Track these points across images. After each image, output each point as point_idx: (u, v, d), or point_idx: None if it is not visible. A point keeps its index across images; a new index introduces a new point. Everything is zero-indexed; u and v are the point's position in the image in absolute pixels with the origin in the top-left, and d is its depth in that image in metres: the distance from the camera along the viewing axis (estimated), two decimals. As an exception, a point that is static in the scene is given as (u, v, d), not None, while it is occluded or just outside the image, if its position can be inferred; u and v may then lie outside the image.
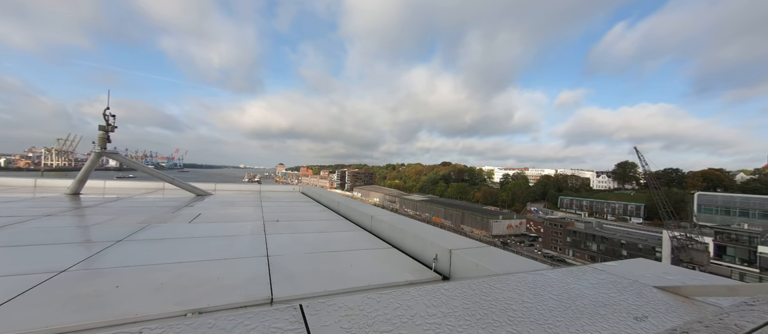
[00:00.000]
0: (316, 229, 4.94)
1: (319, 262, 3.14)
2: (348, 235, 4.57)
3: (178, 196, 9.04)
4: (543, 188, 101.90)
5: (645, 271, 1.96)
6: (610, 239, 49.93)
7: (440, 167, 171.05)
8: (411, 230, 3.88)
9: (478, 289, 1.49)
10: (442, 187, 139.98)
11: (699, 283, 1.65)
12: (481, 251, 2.93)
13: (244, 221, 5.26)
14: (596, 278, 1.72)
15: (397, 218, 4.78)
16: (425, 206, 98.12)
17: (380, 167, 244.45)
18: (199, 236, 4.09)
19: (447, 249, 2.99)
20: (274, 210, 6.76)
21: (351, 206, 6.33)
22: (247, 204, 7.69)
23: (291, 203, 8.43)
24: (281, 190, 12.36)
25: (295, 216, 6.11)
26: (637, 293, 1.54)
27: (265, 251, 3.41)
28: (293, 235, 4.36)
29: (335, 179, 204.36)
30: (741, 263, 36.27)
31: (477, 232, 73.50)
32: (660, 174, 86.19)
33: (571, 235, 55.16)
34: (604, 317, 1.30)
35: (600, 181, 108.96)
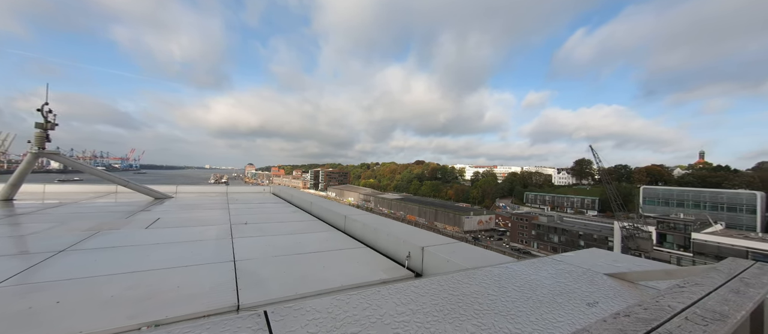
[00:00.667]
0: (288, 231, 4.80)
1: (290, 265, 3.05)
2: (321, 236, 4.49)
3: (133, 200, 8.33)
4: (510, 185, 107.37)
5: (597, 260, 2.13)
6: (570, 231, 53.83)
7: (414, 165, 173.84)
8: (385, 228, 3.89)
9: (447, 284, 1.53)
10: (416, 185, 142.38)
11: (642, 269, 1.82)
12: (452, 247, 3.02)
13: (209, 225, 4.97)
14: (555, 269, 1.84)
15: (371, 218, 4.77)
16: (400, 204, 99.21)
17: (355, 166, 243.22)
18: (157, 242, 3.79)
19: (419, 246, 3.03)
20: (242, 212, 6.46)
21: (324, 206, 6.22)
22: (212, 207, 7.28)
23: (261, 204, 8.11)
24: (251, 191, 11.85)
25: (265, 218, 5.89)
26: (589, 280, 1.67)
27: (231, 256, 3.25)
28: (263, 238, 4.20)
29: (309, 178, 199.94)
30: (678, 248, 40.83)
31: (450, 228, 75.71)
32: (611, 170, 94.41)
33: (535, 228, 58.66)
34: (561, 304, 1.41)
35: (560, 177, 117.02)
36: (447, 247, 3.02)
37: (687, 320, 0.93)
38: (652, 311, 0.98)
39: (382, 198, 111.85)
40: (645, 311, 0.98)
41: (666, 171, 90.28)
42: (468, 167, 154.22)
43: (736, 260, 1.63)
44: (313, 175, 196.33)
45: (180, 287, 2.36)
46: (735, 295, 1.18)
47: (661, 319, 0.91)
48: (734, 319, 0.95)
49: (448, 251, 2.88)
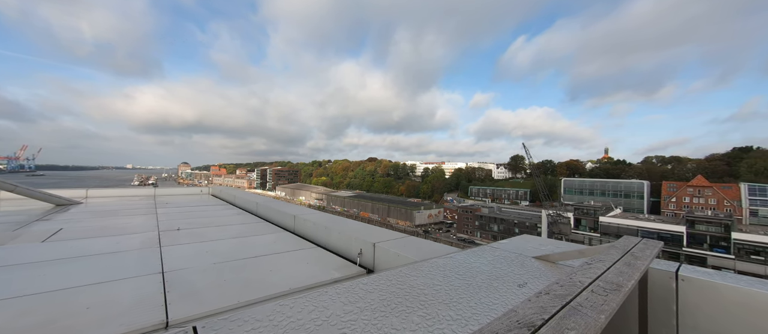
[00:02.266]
0: (231, 235, 4.42)
1: (231, 271, 2.82)
2: (269, 238, 4.24)
3: (23, 208, 6.82)
4: (457, 180, 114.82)
5: (527, 244, 2.40)
6: (507, 220, 59.78)
7: (367, 162, 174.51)
8: (336, 227, 3.84)
9: (395, 278, 1.56)
10: (369, 182, 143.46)
11: (561, 250, 2.11)
12: (403, 242, 3.10)
13: (131, 234, 4.31)
14: (492, 255, 2.02)
15: (322, 216, 4.66)
16: (353, 201, 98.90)
17: (306, 164, 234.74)
18: (58, 257, 3.16)
19: (371, 243, 3.06)
20: (174, 217, 5.74)
21: (272, 206, 5.87)
22: (135, 212, 6.33)
23: (198, 207, 7.31)
24: (185, 193, 10.59)
25: (202, 222, 5.32)
26: (520, 263, 1.88)
27: (159, 267, 2.88)
28: (199, 244, 3.80)
29: (255, 178, 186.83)
30: (590, 230, 48.33)
31: (402, 223, 78.06)
32: (540, 165, 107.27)
33: (478, 219, 63.80)
34: (496, 288, 1.54)
35: (499, 172, 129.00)
36: (398, 242, 3.09)
37: (592, 292, 1.09)
38: (567, 287, 1.13)
39: (335, 196, 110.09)
40: (561, 288, 1.12)
41: (581, 165, 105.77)
42: (419, 164, 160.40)
43: (629, 238, 2.01)
44: (259, 174, 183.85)
45: (90, 308, 2.00)
46: (627, 267, 1.44)
47: (573, 293, 1.06)
48: (627, 287, 1.16)
49: (399, 245, 2.96)
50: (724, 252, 37.52)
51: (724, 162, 72.43)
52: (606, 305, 0.96)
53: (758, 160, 64.87)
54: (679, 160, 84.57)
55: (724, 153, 77.29)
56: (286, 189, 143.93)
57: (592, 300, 1.01)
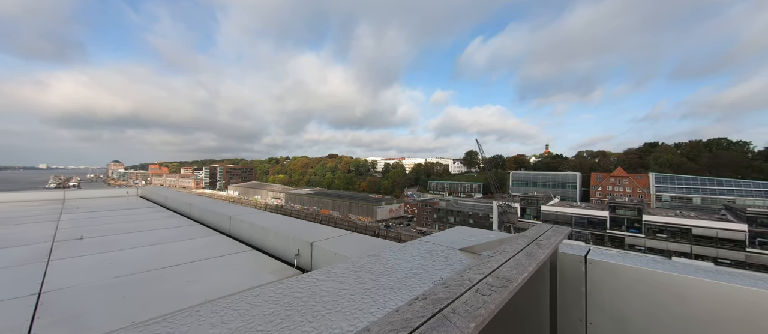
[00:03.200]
0: (152, 241, 3.89)
1: (136, 285, 2.46)
2: (199, 243, 3.82)
3: None
4: (416, 175, 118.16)
5: (457, 236, 2.44)
6: (462, 212, 63.21)
7: (327, 159, 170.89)
8: (274, 227, 3.61)
9: (326, 277, 1.46)
10: (330, 179, 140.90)
11: (487, 240, 2.17)
12: (343, 240, 3.02)
13: (11, 247, 3.56)
14: (419, 250, 2.00)
15: (260, 216, 4.36)
16: (313, 199, 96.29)
17: (261, 161, 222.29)
18: None
19: (308, 242, 2.94)
20: (81, 224, 4.91)
21: (206, 207, 5.34)
22: (29, 220, 5.29)
23: (118, 211, 6.38)
24: (107, 195, 9.20)
25: (118, 229, 4.63)
26: (444, 257, 1.88)
27: (36, 287, 2.39)
28: (104, 255, 3.26)
29: (203, 177, 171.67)
30: (533, 218, 53.28)
31: (363, 219, 78.15)
32: (491, 160, 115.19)
33: (436, 212, 66.48)
34: (410, 286, 1.47)
35: (455, 166, 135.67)
36: (337, 240, 3.00)
37: (477, 291, 1.05)
38: (452, 287, 1.08)
39: (294, 194, 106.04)
40: (445, 289, 1.06)
41: (526, 159, 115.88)
42: (380, 160, 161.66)
43: (541, 226, 2.14)
44: (208, 173, 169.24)
45: None
46: (526, 258, 1.45)
47: (453, 296, 1.00)
48: (517, 281, 1.15)
49: (338, 244, 2.87)
50: (637, 232, 44.10)
51: (638, 155, 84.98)
52: (483, 309, 0.92)
53: (662, 154, 77.33)
54: (604, 154, 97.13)
55: (638, 148, 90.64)
56: (240, 189, 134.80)
57: (471, 302, 0.97)
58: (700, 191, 57.60)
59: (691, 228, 40.06)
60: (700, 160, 72.58)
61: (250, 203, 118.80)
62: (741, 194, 53.32)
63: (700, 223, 40.01)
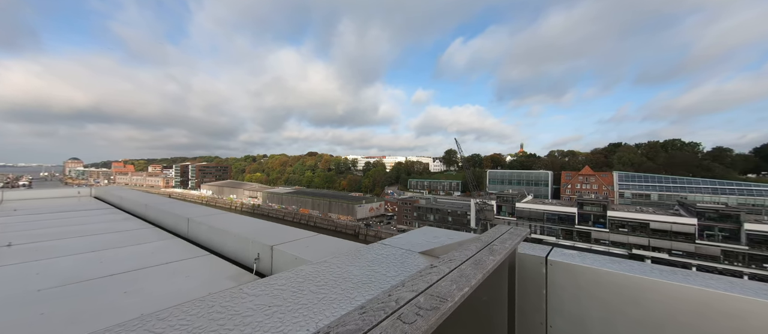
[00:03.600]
0: (93, 247, 3.50)
1: (65, 299, 2.17)
2: (149, 247, 3.50)
3: None
4: (397, 173, 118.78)
5: (420, 238, 2.33)
6: (441, 210, 64.34)
7: (307, 157, 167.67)
8: (235, 229, 3.39)
9: (280, 284, 1.36)
10: (310, 177, 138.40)
11: (451, 241, 2.09)
12: (305, 242, 2.87)
13: None
14: (378, 253, 1.89)
15: (221, 217, 4.09)
16: (292, 198, 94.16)
17: (237, 159, 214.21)
18: None
19: (269, 246, 2.77)
20: (12, 229, 4.36)
21: (164, 208, 4.95)
22: None
23: (63, 214, 5.77)
24: (55, 196, 8.34)
25: (58, 233, 4.14)
26: (401, 262, 1.77)
27: None
28: (33, 264, 2.88)
29: (173, 175, 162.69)
30: (509, 215, 55.29)
31: (344, 218, 77.50)
32: (470, 158, 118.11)
33: (416, 210, 67.20)
34: (352, 299, 1.34)
35: (435, 165, 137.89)
36: (301, 243, 2.84)
37: (399, 319, 0.87)
38: (371, 313, 0.91)
39: (272, 193, 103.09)
40: (361, 317, 0.89)
41: (502, 158, 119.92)
42: (361, 158, 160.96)
43: (500, 227, 2.09)
44: (179, 170, 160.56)
45: None
46: (473, 268, 1.33)
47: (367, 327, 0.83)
48: (453, 300, 0.99)
49: (300, 247, 2.72)
50: (602, 227, 46.98)
51: (603, 155, 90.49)
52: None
53: (625, 154, 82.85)
54: (573, 154, 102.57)
55: (603, 148, 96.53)
56: (214, 187, 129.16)
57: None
58: (657, 188, 62.30)
59: (649, 223, 43.23)
60: (658, 160, 78.49)
61: (224, 203, 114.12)
62: (692, 190, 58.23)
63: (657, 218, 43.29)
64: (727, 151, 78.44)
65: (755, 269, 36.70)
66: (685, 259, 40.38)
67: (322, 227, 77.51)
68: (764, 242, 36.60)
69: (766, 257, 36.44)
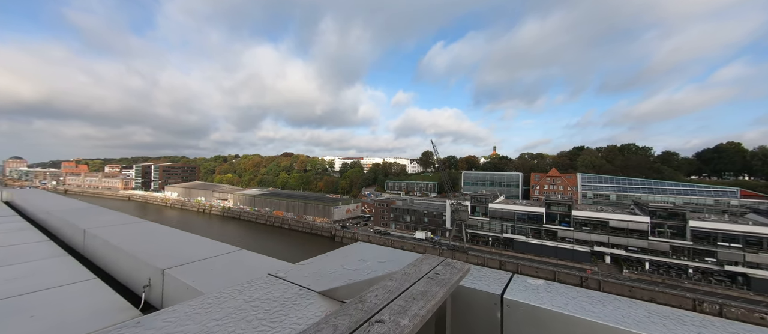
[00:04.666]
0: None
1: None
2: (20, 270, 2.77)
3: None
4: (374, 174, 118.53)
5: (336, 264, 1.81)
6: (418, 211, 64.89)
7: (282, 158, 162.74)
8: (128, 246, 2.85)
9: (159, 325, 1.12)
10: (285, 179, 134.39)
11: (365, 278, 1.58)
12: (206, 265, 2.41)
13: None
14: (264, 291, 1.50)
15: (122, 228, 3.53)
16: (265, 200, 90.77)
17: (207, 159, 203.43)
18: None
19: (160, 269, 2.29)
20: None
21: (64, 217, 4.28)
22: None
23: None
24: None
25: None
26: (287, 308, 1.36)
27: None
28: None
29: (133, 176, 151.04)
30: (482, 215, 56.93)
31: (319, 220, 75.86)
32: (445, 160, 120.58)
33: (393, 211, 67.27)
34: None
35: (412, 166, 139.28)
36: (202, 265, 2.38)
37: None
38: (355, 317, 0.80)
39: (244, 195, 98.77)
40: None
41: (477, 160, 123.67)
42: (337, 159, 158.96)
43: (429, 258, 1.56)
44: (141, 171, 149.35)
45: None
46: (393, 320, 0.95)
47: None
48: None
49: (198, 269, 2.28)
50: (567, 226, 49.68)
51: (568, 158, 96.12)
52: None
53: (587, 157, 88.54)
54: (542, 157, 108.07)
55: (568, 151, 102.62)
56: (180, 189, 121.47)
57: None
58: (615, 188, 67.05)
59: (608, 221, 46.32)
60: (616, 162, 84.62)
61: (191, 206, 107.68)
62: (645, 191, 63.30)
63: (615, 216, 46.49)
64: (674, 155, 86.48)
65: (698, 262, 40.47)
66: (640, 254, 43.66)
67: (297, 229, 75.40)
68: (705, 238, 40.46)
69: (707, 252, 40.28)
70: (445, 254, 50.80)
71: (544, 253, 48.68)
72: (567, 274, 41.48)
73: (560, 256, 47.40)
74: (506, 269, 45.38)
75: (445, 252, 51.30)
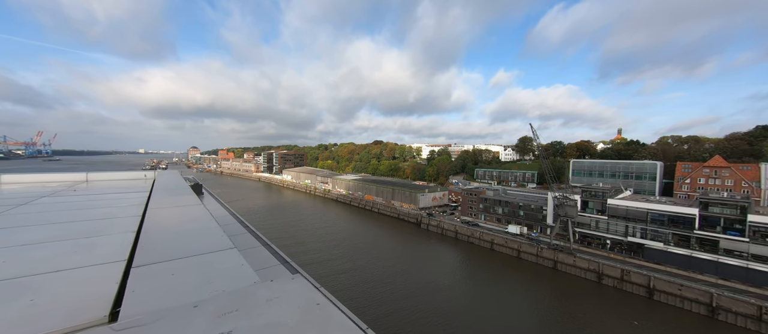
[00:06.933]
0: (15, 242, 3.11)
1: None
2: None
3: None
4: (462, 162, 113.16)
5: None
6: (511, 203, 58.75)
7: (372, 145, 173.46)
8: None
9: None
10: (375, 165, 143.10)
11: None
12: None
13: None
14: None
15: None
16: (358, 185, 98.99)
17: (312, 147, 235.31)
18: None
19: None
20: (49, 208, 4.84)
21: None
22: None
23: (106, 195, 6.50)
24: (123, 178, 9.62)
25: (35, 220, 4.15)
26: None
27: None
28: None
29: (262, 161, 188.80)
30: (597, 213, 47.09)
31: (406, 206, 77.93)
32: (548, 146, 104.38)
33: (482, 202, 62.97)
34: None
35: (506, 154, 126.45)
36: None
37: None
38: None
39: (339, 179, 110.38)
40: None
41: (591, 146, 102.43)
42: (425, 147, 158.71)
43: None
44: (266, 157, 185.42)
45: None
46: None
47: None
48: None
49: None
50: (738, 235, 36.04)
51: (746, 141, 68.74)
52: None
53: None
54: (696, 140, 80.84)
55: (746, 132, 73.28)
56: (292, 173, 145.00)
57: None
58: (840, 187, 44.53)
59: (822, 234, 31.26)
60: None
61: (300, 187, 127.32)
62: None
63: (839, 228, 30.91)
64: None
65: None
66: None
67: (385, 213, 79.51)
68: None
69: None
70: (545, 254, 44.54)
71: (694, 267, 36.89)
72: (734, 300, 30.35)
73: (723, 274, 35.06)
74: (631, 280, 36.43)
75: (545, 251, 44.96)
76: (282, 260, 3.49)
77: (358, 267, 43.20)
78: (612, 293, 36.57)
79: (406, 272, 41.74)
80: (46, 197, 5.78)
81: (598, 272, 39.21)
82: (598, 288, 37.72)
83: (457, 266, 45.36)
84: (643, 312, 32.06)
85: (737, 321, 29.74)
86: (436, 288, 36.97)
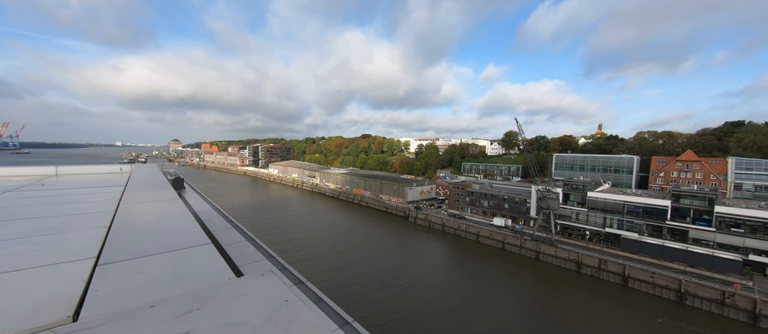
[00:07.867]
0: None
1: None
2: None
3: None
4: (450, 156, 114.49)
5: None
6: (497, 196, 60.05)
7: (361, 139, 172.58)
8: None
9: None
10: (363, 159, 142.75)
11: None
12: None
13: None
14: None
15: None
16: (346, 178, 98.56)
17: (299, 141, 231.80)
18: None
19: None
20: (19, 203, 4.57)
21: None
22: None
23: (77, 190, 6.32)
24: (97, 172, 9.25)
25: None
26: None
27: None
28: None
29: (247, 155, 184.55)
30: (578, 205, 48.83)
31: (394, 200, 78.34)
32: (532, 141, 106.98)
33: (469, 195, 64.05)
34: None
35: (492, 148, 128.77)
36: None
37: None
38: None
39: (327, 173, 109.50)
40: None
41: (574, 141, 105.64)
42: (413, 141, 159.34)
43: None
44: (252, 151, 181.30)
45: None
46: None
47: None
48: None
49: None
50: (706, 225, 38.27)
51: (716, 137, 72.65)
52: None
53: (748, 135, 65.05)
54: (670, 135, 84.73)
55: (716, 128, 77.36)
56: (279, 167, 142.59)
57: None
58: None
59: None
60: (802, 143, 59.92)
61: (287, 181, 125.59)
62: None
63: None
64: None
65: None
66: (837, 274, 30.68)
67: (373, 207, 79.71)
68: None
69: None
70: (528, 245, 45.97)
71: (666, 256, 39.00)
72: (700, 286, 32.39)
73: (691, 262, 37.24)
74: (607, 269, 38.21)
75: (528, 242, 46.40)
76: (267, 255, 3.44)
77: (349, 264, 43.30)
78: (590, 281, 38.26)
79: (396, 267, 42.17)
80: (9, 192, 5.48)
81: (577, 262, 40.86)
82: (578, 277, 39.36)
83: (444, 257, 46.19)
84: (619, 298, 33.78)
85: (703, 305, 31.80)
86: (426, 283, 37.58)
